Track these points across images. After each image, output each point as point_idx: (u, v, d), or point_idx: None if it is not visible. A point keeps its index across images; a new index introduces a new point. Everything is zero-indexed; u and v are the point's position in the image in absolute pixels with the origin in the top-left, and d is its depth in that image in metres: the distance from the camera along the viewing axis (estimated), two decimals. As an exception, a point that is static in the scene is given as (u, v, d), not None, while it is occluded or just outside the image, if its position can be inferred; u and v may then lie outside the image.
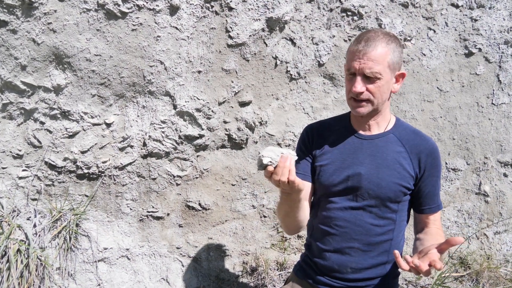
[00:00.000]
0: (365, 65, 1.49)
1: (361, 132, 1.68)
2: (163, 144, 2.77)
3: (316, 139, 1.77)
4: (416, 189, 1.64)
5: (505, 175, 3.49)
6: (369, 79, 1.52)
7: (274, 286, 2.99)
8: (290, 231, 1.78)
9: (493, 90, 3.30)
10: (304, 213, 1.71)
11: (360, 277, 1.67)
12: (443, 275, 3.27)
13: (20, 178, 2.63)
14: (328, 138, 1.74)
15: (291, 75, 2.89)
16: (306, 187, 1.71)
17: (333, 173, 1.67)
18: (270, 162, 1.38)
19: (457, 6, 3.06)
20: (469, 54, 3.18)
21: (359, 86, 1.52)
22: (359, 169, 1.62)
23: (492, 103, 3.32)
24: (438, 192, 1.67)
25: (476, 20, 3.12)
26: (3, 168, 2.58)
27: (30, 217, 2.61)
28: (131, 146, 2.75)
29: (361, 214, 1.62)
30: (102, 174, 2.75)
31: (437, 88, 3.19)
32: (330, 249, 1.68)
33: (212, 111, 2.80)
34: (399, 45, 1.56)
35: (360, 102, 1.56)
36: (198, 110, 2.77)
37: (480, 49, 3.18)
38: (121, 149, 2.75)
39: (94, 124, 2.67)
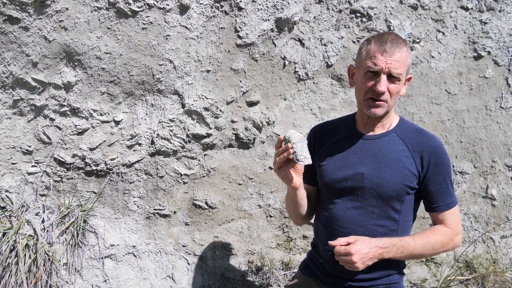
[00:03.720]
0: (392, 65, 1.50)
1: (364, 132, 1.69)
2: (171, 143, 2.79)
3: (319, 140, 1.81)
4: (422, 188, 1.63)
5: (512, 179, 3.48)
6: (391, 79, 1.53)
7: (279, 286, 3.00)
8: (295, 222, 1.91)
9: (502, 94, 3.29)
10: (303, 211, 1.78)
11: (364, 277, 1.67)
12: (448, 279, 3.26)
13: (30, 174, 2.65)
14: (331, 138, 1.77)
15: (299, 75, 2.90)
16: (309, 189, 1.84)
17: (333, 171, 1.69)
18: (291, 138, 1.49)
19: (466, 9, 3.06)
20: (478, 57, 3.17)
21: (384, 85, 1.52)
22: (361, 169, 1.63)
23: (501, 107, 3.31)
24: (447, 190, 1.62)
25: (485, 23, 3.11)
26: (13, 163, 2.61)
27: (38, 212, 2.64)
28: (139, 144, 2.77)
29: (363, 214, 1.63)
30: (110, 171, 2.77)
31: (445, 90, 3.18)
32: (331, 249, 1.68)
33: (220, 110, 2.82)
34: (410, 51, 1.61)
35: (379, 102, 1.56)
36: (206, 109, 2.79)
37: (489, 52, 3.17)
38: (129, 147, 2.77)
39: (103, 122, 2.69)
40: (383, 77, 1.52)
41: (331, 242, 1.53)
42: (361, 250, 1.46)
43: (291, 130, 1.51)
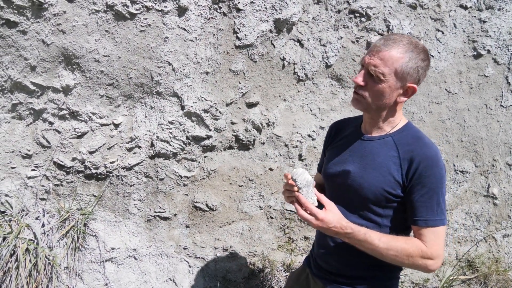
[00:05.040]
0: (372, 62, 1.49)
1: (364, 133, 1.70)
2: (170, 145, 2.78)
3: (333, 135, 1.86)
4: (405, 197, 1.54)
5: (513, 177, 3.47)
6: (372, 77, 1.50)
7: (281, 287, 2.99)
8: None
9: (502, 92, 3.28)
10: None
11: (351, 274, 1.68)
12: (450, 278, 3.25)
13: (29, 178, 2.64)
14: (341, 134, 1.82)
15: (299, 76, 2.89)
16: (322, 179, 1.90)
17: (331, 166, 1.74)
18: (296, 182, 1.51)
19: (465, 8, 3.05)
20: (477, 56, 3.17)
21: (360, 78, 1.53)
22: (349, 167, 1.64)
23: (501, 105, 3.30)
24: (430, 205, 1.48)
25: (484, 22, 3.10)
26: (12, 168, 2.60)
27: (38, 216, 2.63)
28: (139, 147, 2.76)
29: (344, 211, 1.62)
30: (110, 174, 2.76)
31: (445, 90, 3.17)
32: (321, 243, 1.76)
33: (219, 112, 2.81)
34: (421, 59, 1.49)
35: (357, 95, 1.57)
36: (205, 111, 2.78)
37: (488, 51, 3.16)
38: (129, 150, 2.76)
39: (102, 125, 2.68)
40: (362, 71, 1.53)
41: (317, 193, 1.53)
42: (329, 222, 1.45)
43: (298, 170, 1.51)
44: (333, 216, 1.47)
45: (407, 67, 1.47)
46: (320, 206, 1.51)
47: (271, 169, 3.02)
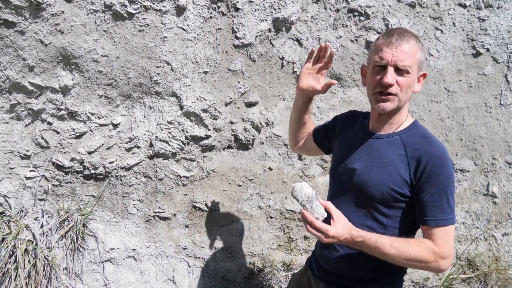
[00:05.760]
0: (398, 57, 1.47)
1: (371, 130, 1.68)
2: (169, 145, 2.78)
3: (344, 124, 1.86)
4: (413, 197, 1.52)
5: (513, 176, 3.47)
6: (399, 72, 1.49)
7: (281, 287, 2.99)
8: (291, 141, 2.13)
9: (501, 91, 3.28)
10: (300, 124, 2.01)
11: (353, 275, 1.66)
12: (450, 277, 3.25)
13: (28, 178, 2.64)
14: (348, 127, 1.82)
15: (298, 75, 2.89)
16: (309, 135, 2.03)
17: (337, 163, 1.74)
18: (298, 200, 1.48)
19: (464, 6, 3.05)
20: (477, 54, 3.16)
21: (391, 77, 1.48)
22: (354, 165, 1.63)
23: (500, 104, 3.30)
24: (440, 205, 1.46)
25: (484, 20, 3.10)
26: (11, 168, 2.60)
27: (37, 217, 2.62)
28: (138, 147, 2.76)
29: (350, 210, 1.61)
30: (109, 175, 2.76)
31: (445, 88, 3.17)
32: (323, 243, 1.71)
33: (218, 111, 2.80)
34: (423, 47, 1.59)
35: (387, 96, 1.52)
36: (204, 110, 2.77)
37: (488, 49, 3.16)
38: (128, 150, 2.75)
39: (101, 125, 2.67)
40: (390, 69, 1.49)
41: (323, 202, 1.48)
42: (339, 236, 1.42)
43: (297, 186, 1.46)
44: (342, 228, 1.43)
45: (422, 56, 1.54)
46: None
47: (270, 169, 3.02)
